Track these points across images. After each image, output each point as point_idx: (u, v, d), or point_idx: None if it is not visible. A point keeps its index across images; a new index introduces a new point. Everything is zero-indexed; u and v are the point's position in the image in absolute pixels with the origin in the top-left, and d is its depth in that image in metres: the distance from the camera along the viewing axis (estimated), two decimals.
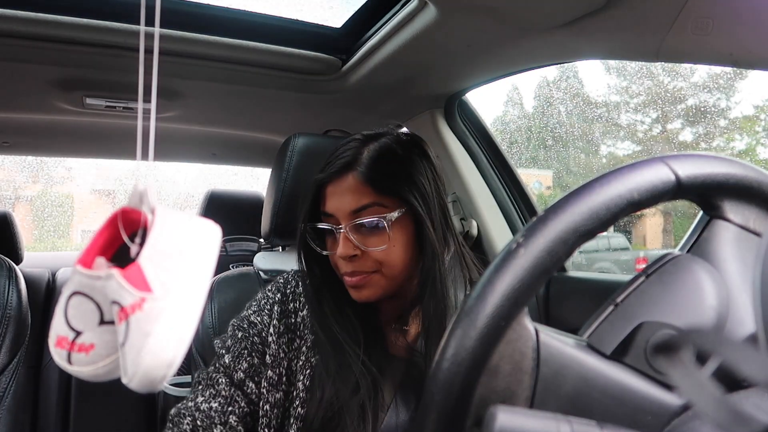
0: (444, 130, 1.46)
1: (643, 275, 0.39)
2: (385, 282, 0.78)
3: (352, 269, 0.77)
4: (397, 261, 0.77)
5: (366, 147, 0.79)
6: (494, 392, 0.34)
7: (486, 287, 0.33)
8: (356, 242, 0.76)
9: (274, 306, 0.85)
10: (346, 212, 0.76)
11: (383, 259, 0.76)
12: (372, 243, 0.76)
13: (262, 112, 1.64)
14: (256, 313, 0.85)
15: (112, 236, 0.38)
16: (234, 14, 1.20)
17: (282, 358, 0.81)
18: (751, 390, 0.34)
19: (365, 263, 0.76)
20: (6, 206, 2.23)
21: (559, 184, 7.43)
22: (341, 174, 0.78)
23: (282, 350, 0.81)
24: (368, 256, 0.76)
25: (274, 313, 0.84)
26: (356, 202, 0.76)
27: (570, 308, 1.25)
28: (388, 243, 0.76)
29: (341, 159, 0.78)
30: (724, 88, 6.17)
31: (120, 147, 1.96)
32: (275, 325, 0.83)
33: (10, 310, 1.38)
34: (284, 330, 0.83)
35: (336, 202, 0.77)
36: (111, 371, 0.37)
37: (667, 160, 0.37)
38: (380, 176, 0.77)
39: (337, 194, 0.78)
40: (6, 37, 1.09)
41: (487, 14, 0.96)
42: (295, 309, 0.85)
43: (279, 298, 0.86)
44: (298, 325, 0.83)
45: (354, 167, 0.77)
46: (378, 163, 0.77)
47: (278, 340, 0.82)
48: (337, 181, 0.78)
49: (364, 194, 0.76)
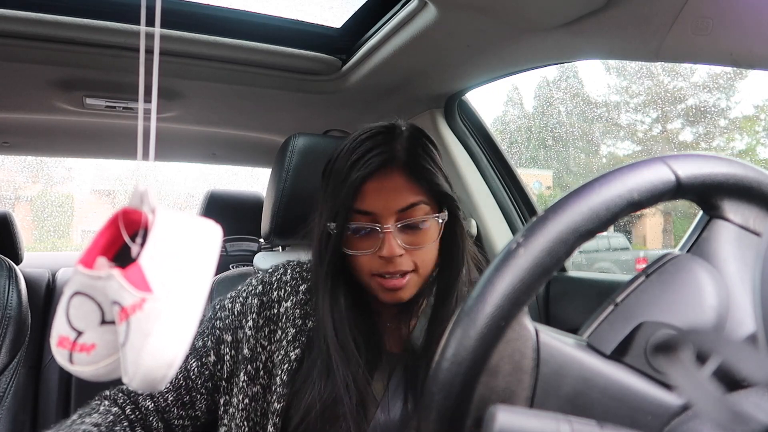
0: (444, 130, 1.46)
1: (643, 275, 0.39)
2: (419, 281, 0.77)
3: (395, 269, 0.74)
4: (433, 260, 0.77)
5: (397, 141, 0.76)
6: (494, 392, 0.34)
7: (486, 287, 0.33)
8: (401, 242, 0.73)
9: (251, 297, 0.83)
10: (392, 211, 0.73)
11: (424, 258, 0.75)
12: (418, 241, 0.74)
13: (262, 112, 1.64)
14: (231, 299, 0.85)
15: (113, 236, 0.38)
16: (234, 14, 1.20)
17: (260, 351, 0.80)
18: (751, 390, 0.34)
19: (407, 262, 0.74)
20: (6, 206, 2.22)
21: (559, 184, 7.43)
22: (381, 169, 0.74)
23: (260, 344, 0.80)
24: (410, 255, 0.74)
25: (252, 306, 0.82)
26: (403, 200, 0.74)
27: (570, 308, 1.25)
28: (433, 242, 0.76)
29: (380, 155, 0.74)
30: (724, 88, 6.17)
31: (120, 147, 1.96)
32: (254, 319, 0.81)
33: (10, 310, 1.38)
34: (264, 322, 0.81)
35: (380, 200, 0.74)
36: (112, 371, 0.37)
37: (667, 160, 0.37)
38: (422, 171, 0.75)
39: (380, 191, 0.74)
40: (6, 37, 1.09)
41: (487, 14, 0.96)
42: (279, 298, 0.83)
43: (260, 289, 0.84)
44: (281, 316, 0.81)
45: (394, 162, 0.74)
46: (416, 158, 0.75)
47: (257, 334, 0.81)
48: (379, 177, 0.74)
49: (411, 192, 0.74)
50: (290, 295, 0.83)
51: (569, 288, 1.26)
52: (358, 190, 0.74)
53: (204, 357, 0.82)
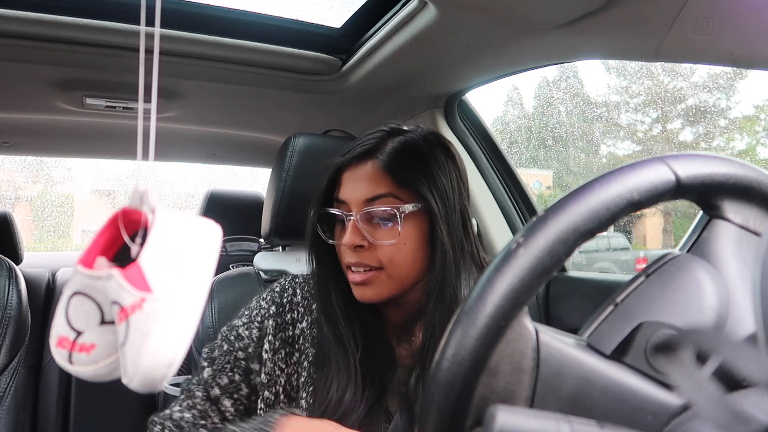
0: (444, 130, 1.46)
1: (643, 275, 0.39)
2: (389, 283, 0.74)
3: (356, 260, 0.73)
4: (405, 261, 0.74)
5: (391, 138, 0.76)
6: (494, 392, 0.34)
7: (486, 287, 0.33)
8: (365, 233, 0.72)
9: (267, 320, 0.81)
10: (360, 200, 0.73)
11: (391, 256, 0.73)
12: (381, 236, 0.72)
13: (262, 112, 1.64)
14: (245, 326, 0.81)
15: (113, 236, 0.38)
16: (234, 14, 1.20)
17: (278, 375, 0.78)
18: (751, 390, 0.34)
19: (371, 257, 0.73)
20: (6, 206, 2.22)
21: (559, 184, 7.43)
22: (361, 160, 0.75)
23: (278, 367, 0.78)
24: (375, 250, 0.73)
25: (268, 328, 0.80)
26: (372, 190, 0.73)
27: (570, 308, 1.25)
28: (398, 238, 0.72)
29: (364, 146, 0.75)
30: (724, 88, 6.17)
31: (120, 147, 1.96)
32: (270, 341, 0.79)
33: (10, 310, 1.38)
34: (281, 345, 0.79)
35: (351, 189, 0.74)
36: (111, 371, 0.37)
37: (667, 160, 0.37)
38: (400, 167, 0.74)
39: (353, 180, 0.75)
40: (6, 37, 1.09)
41: (487, 14, 0.96)
42: (293, 320, 0.81)
43: (274, 310, 0.81)
44: (297, 338, 0.80)
45: (375, 155, 0.75)
46: (400, 155, 0.74)
47: (274, 357, 0.78)
48: (355, 166, 0.75)
49: (381, 183, 0.73)
50: (304, 315, 0.81)
51: (569, 288, 1.26)
52: (335, 177, 0.77)
53: (236, 392, 0.78)
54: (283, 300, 0.82)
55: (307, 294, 0.83)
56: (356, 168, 0.75)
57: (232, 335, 0.81)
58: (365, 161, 0.75)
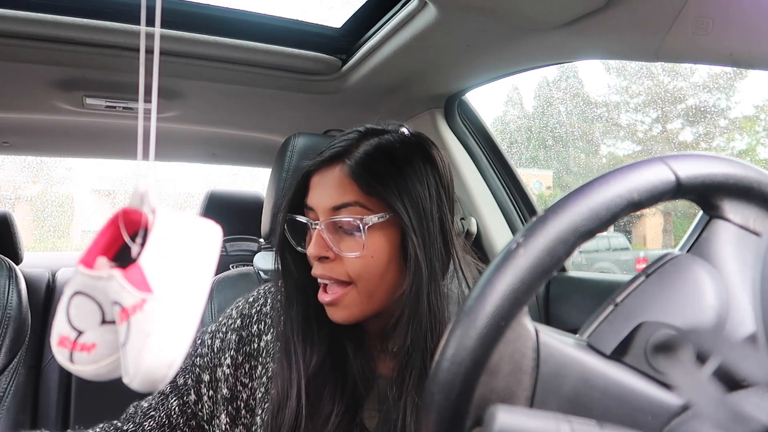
0: (444, 130, 1.46)
1: (643, 275, 0.39)
2: (360, 300, 0.68)
3: (321, 272, 0.68)
4: (374, 275, 0.67)
5: (364, 141, 0.71)
6: (494, 392, 0.34)
7: (486, 287, 0.33)
8: (330, 243, 0.67)
9: (230, 333, 0.78)
10: (326, 207, 0.68)
11: (359, 270, 0.67)
12: (347, 247, 0.67)
13: (262, 112, 1.64)
14: (211, 334, 0.80)
15: (113, 236, 0.38)
16: (234, 14, 1.20)
17: (240, 390, 0.76)
18: (751, 390, 0.34)
19: (338, 270, 0.68)
20: (6, 206, 2.22)
21: (559, 184, 7.43)
22: (329, 164, 0.70)
23: (240, 382, 0.76)
24: (342, 262, 0.67)
25: (231, 342, 0.77)
26: (338, 198, 0.68)
27: (570, 308, 1.25)
28: (362, 250, 0.66)
29: (334, 149, 0.70)
30: (724, 88, 6.17)
31: (120, 147, 1.96)
32: (233, 356, 0.76)
33: (10, 310, 1.38)
34: (244, 358, 0.76)
35: (318, 195, 0.70)
36: (112, 371, 0.37)
37: (667, 160, 0.37)
38: (368, 174, 0.68)
39: (320, 186, 0.70)
40: (6, 37, 1.09)
41: (487, 14, 0.96)
42: (258, 331, 0.78)
43: (239, 323, 0.78)
44: (261, 351, 0.76)
45: (343, 159, 0.69)
46: (371, 160, 0.68)
47: (236, 372, 0.76)
48: (323, 171, 0.70)
49: (348, 191, 0.68)
50: (270, 327, 0.77)
51: (569, 288, 1.26)
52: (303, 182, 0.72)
53: (185, 395, 0.78)
54: (252, 311, 0.79)
55: (277, 304, 0.78)
56: (325, 173, 0.70)
57: (198, 339, 0.81)
58: (333, 165, 0.70)
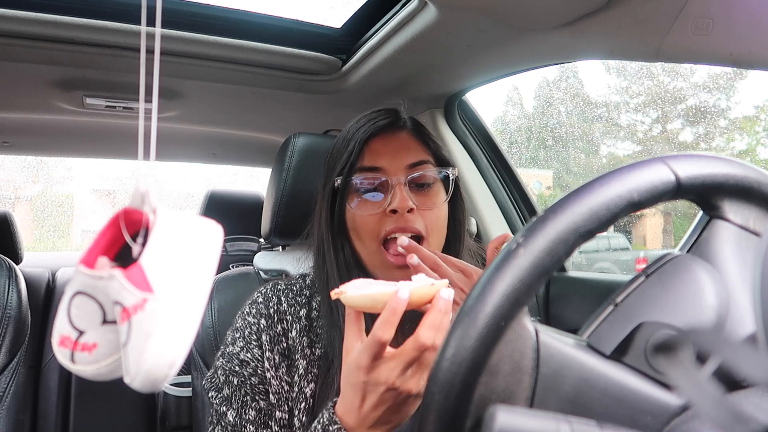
0: (444, 130, 1.46)
1: (643, 275, 0.39)
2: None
3: (406, 225, 0.72)
4: (442, 227, 0.76)
5: (401, 113, 0.80)
6: (494, 392, 0.34)
7: (486, 287, 0.33)
8: (411, 197, 0.73)
9: (260, 335, 0.76)
10: (402, 166, 0.75)
11: (433, 222, 0.74)
12: (427, 201, 0.74)
13: (262, 112, 1.64)
14: (244, 350, 0.75)
15: (114, 236, 0.38)
16: (234, 14, 1.20)
17: (287, 390, 0.74)
18: (751, 390, 0.34)
19: (418, 222, 0.73)
20: (6, 206, 2.22)
21: (559, 184, 7.43)
22: (392, 128, 0.77)
23: (284, 383, 0.74)
24: (419, 215, 0.73)
25: (264, 344, 0.75)
26: (413, 156, 0.75)
27: (570, 308, 1.25)
28: (437, 202, 0.74)
29: (386, 118, 0.78)
30: (724, 88, 6.17)
31: (120, 147, 1.96)
32: (269, 358, 0.74)
33: (10, 310, 1.38)
34: (280, 360, 0.75)
35: (388, 155, 0.75)
36: (113, 370, 0.37)
37: (667, 160, 0.37)
38: (429, 137, 0.78)
39: (389, 147, 0.75)
40: (6, 37, 1.09)
41: (487, 14, 0.96)
42: (284, 331, 0.76)
43: (264, 324, 0.77)
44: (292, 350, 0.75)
45: (404, 126, 0.78)
46: (423, 128, 0.80)
47: (276, 373, 0.74)
48: (386, 135, 0.77)
49: (419, 151, 0.76)
50: (293, 324, 0.77)
51: (569, 288, 1.26)
52: (364, 146, 0.76)
53: (269, 420, 0.72)
54: (270, 311, 0.78)
55: (292, 301, 0.79)
56: (388, 137, 0.76)
57: (235, 365, 0.75)
58: (393, 129, 0.77)
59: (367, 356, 0.54)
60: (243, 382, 0.73)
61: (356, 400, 0.56)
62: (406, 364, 0.54)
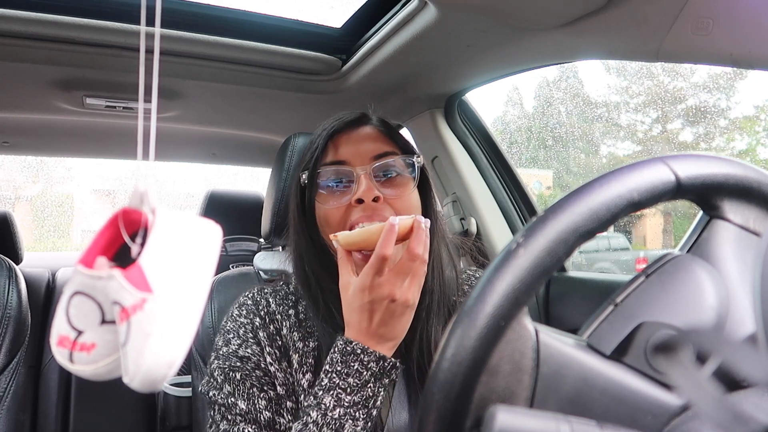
0: (444, 130, 1.46)
1: (643, 275, 0.39)
2: None
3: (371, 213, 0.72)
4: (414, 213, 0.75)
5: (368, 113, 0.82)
6: (494, 392, 0.34)
7: (486, 287, 0.33)
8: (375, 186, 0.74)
9: (257, 332, 0.76)
10: (366, 158, 0.76)
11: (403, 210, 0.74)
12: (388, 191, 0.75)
13: (262, 112, 1.64)
14: (242, 347, 0.75)
15: (113, 236, 0.38)
16: (234, 14, 1.20)
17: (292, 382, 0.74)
18: (751, 390, 0.34)
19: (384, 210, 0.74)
20: (6, 206, 2.22)
21: (559, 184, 7.43)
22: (357, 124, 0.80)
23: (289, 374, 0.74)
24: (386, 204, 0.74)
25: (263, 341, 0.76)
26: (377, 148, 0.77)
27: (570, 308, 1.25)
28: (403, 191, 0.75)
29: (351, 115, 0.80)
30: (724, 88, 6.17)
31: (120, 147, 1.96)
32: (270, 353, 0.75)
33: (10, 310, 1.38)
34: (281, 354, 0.76)
35: (353, 148, 0.77)
36: (112, 370, 0.37)
37: (667, 160, 0.37)
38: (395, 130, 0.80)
39: (353, 141, 0.78)
40: (6, 37, 1.09)
41: (487, 14, 0.96)
42: (276, 330, 0.77)
43: (259, 322, 0.77)
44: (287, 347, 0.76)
45: (368, 121, 0.80)
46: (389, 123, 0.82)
47: (281, 366, 0.74)
48: (352, 130, 0.79)
49: (384, 143, 0.78)
50: (283, 322, 0.78)
51: (569, 288, 1.26)
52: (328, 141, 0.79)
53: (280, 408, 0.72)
54: (261, 312, 0.79)
55: (280, 302, 0.80)
56: (353, 131, 0.79)
57: (235, 362, 0.74)
58: (361, 125, 0.80)
59: (371, 274, 0.63)
60: (247, 375, 0.73)
61: (364, 321, 0.64)
62: (403, 274, 0.63)
